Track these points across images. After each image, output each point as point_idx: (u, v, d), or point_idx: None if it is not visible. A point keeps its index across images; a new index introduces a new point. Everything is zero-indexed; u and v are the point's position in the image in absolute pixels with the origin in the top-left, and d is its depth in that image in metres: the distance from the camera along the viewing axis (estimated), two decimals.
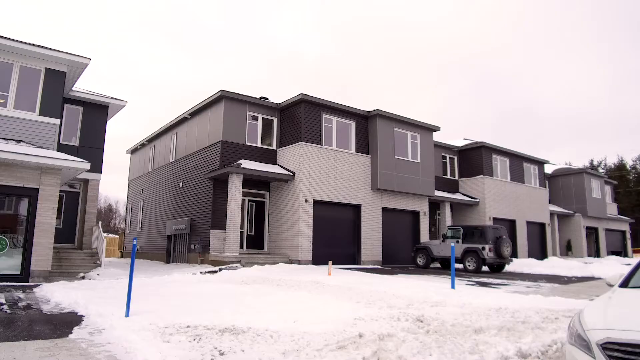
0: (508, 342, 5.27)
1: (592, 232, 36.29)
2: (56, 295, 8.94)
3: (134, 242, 6.78)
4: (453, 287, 10.67)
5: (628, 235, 40.40)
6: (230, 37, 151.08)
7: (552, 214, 32.07)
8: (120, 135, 73.01)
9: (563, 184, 35.19)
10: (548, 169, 34.80)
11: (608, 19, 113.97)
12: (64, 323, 6.38)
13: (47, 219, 12.48)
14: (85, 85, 18.52)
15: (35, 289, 10.31)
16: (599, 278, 16.15)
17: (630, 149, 78.49)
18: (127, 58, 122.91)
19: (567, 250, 33.96)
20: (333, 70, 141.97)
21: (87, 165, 13.11)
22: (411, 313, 6.58)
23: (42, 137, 13.77)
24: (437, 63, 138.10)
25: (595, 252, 35.89)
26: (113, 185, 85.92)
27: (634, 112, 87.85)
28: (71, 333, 5.67)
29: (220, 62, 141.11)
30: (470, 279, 14.27)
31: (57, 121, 14.19)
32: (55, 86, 14.31)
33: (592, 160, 61.76)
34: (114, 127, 78.61)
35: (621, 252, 38.33)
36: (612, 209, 39.44)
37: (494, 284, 12.89)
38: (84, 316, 6.89)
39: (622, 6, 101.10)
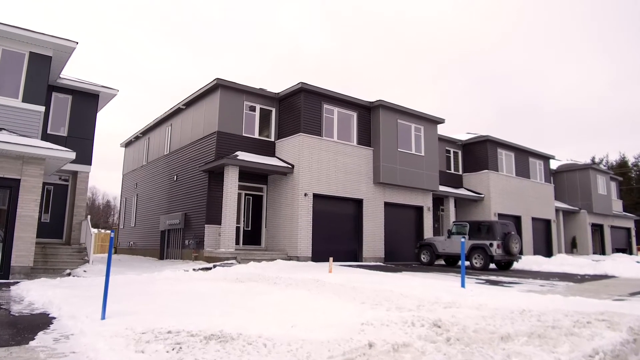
0: (543, 352, 4.48)
1: (597, 229, 35.51)
2: (31, 293, 8.18)
3: (111, 234, 6.00)
4: (463, 285, 9.90)
5: (633, 233, 39.66)
6: (231, 32, 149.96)
7: (557, 210, 31.27)
8: (119, 131, 72.18)
9: (568, 180, 34.35)
10: (553, 165, 33.94)
11: (610, 15, 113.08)
12: (29, 327, 5.60)
13: (29, 211, 11.69)
14: (79, 78, 17.62)
15: (12, 287, 9.55)
16: (613, 276, 15.43)
17: (633, 146, 77.59)
18: (125, 53, 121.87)
19: (572, 247, 33.20)
20: (333, 67, 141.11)
21: (72, 155, 12.30)
22: (425, 316, 5.80)
23: (26, 125, 12.96)
24: (437, 60, 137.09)
25: (600, 250, 35.13)
26: (111, 181, 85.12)
27: (635, 109, 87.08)
28: (33, 340, 4.89)
29: (220, 58, 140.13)
30: (479, 277, 13.50)
31: (42, 108, 13.38)
32: (40, 71, 13.50)
33: (593, 157, 60.74)
34: (112, 122, 77.73)
35: (626, 250, 37.58)
36: (617, 205, 38.66)
37: (505, 283, 12.14)
38: (54, 318, 6.14)
39: (623, 3, 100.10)
